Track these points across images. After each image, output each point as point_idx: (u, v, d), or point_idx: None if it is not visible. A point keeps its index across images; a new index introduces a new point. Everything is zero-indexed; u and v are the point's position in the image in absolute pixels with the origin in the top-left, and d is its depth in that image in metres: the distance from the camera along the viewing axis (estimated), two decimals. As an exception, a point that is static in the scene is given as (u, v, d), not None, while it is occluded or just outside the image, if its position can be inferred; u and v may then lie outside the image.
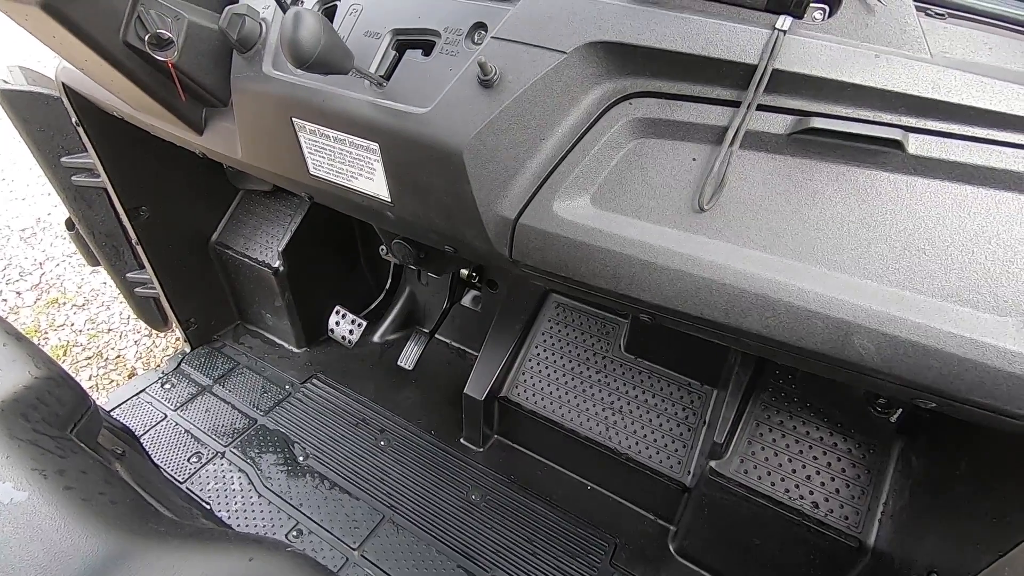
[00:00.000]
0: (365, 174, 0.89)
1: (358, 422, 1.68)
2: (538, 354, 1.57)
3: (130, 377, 2.61)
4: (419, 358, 1.71)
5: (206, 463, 1.54)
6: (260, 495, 1.47)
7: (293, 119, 0.90)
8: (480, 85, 0.74)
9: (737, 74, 0.68)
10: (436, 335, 1.84)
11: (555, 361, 1.55)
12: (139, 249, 1.68)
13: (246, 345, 1.95)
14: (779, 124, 0.68)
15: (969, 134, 0.61)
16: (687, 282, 0.70)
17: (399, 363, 1.69)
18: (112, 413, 1.71)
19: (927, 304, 0.61)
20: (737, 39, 0.66)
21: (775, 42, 0.65)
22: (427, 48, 0.82)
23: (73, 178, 1.65)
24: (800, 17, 0.67)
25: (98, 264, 1.87)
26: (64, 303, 3.05)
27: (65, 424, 0.77)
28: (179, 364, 1.85)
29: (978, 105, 0.60)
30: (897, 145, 0.62)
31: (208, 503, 1.45)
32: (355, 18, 0.86)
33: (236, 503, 1.45)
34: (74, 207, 1.70)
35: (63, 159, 1.62)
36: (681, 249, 0.70)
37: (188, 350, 1.91)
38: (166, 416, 1.68)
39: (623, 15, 0.70)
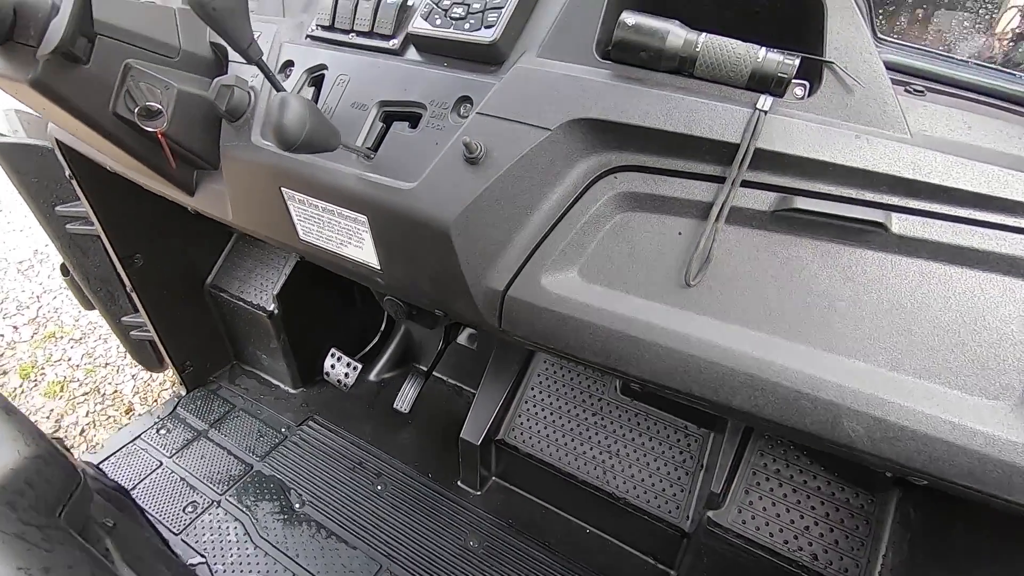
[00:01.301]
0: (354, 242, 0.89)
1: (355, 466, 1.67)
2: (534, 396, 1.57)
3: (127, 413, 2.61)
4: (415, 400, 1.71)
5: (202, 513, 1.53)
6: (256, 546, 1.45)
7: (282, 188, 0.91)
8: (466, 162, 0.75)
9: (720, 151, 0.68)
10: (433, 373, 1.83)
11: (551, 403, 1.55)
12: (134, 296, 1.68)
13: (242, 387, 1.94)
14: (763, 201, 0.68)
15: (951, 214, 0.62)
16: (675, 359, 0.70)
17: (395, 406, 1.69)
18: (109, 460, 1.70)
19: (916, 387, 0.61)
20: (719, 118, 0.67)
21: (756, 122, 0.65)
22: (414, 120, 0.82)
23: (68, 226, 1.66)
24: (781, 96, 0.67)
25: (93, 308, 1.87)
26: (61, 337, 3.04)
27: (54, 507, 0.76)
28: (175, 408, 1.84)
29: (958, 187, 0.60)
30: (880, 226, 0.62)
31: (204, 555, 1.43)
32: (342, 88, 0.87)
33: (232, 555, 1.43)
34: (69, 254, 1.70)
35: (57, 208, 1.63)
36: (668, 325, 0.70)
37: (184, 393, 1.90)
38: (161, 463, 1.67)
39: (605, 92, 0.71)
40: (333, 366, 1.72)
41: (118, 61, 0.91)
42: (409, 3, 0.88)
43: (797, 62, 0.65)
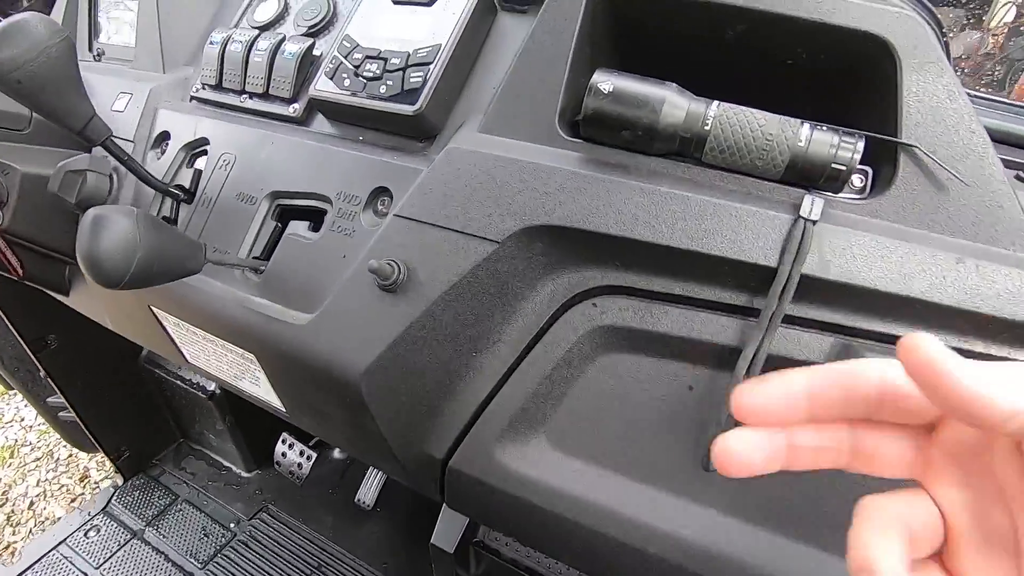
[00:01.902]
0: (249, 379, 0.66)
1: (312, 571, 1.43)
2: (517, 489, 1.33)
3: (81, 481, 2.38)
4: (382, 488, 1.47)
5: (127, 644, 1.29)
6: None
7: (151, 307, 0.68)
8: (381, 288, 0.52)
9: (746, 274, 0.46)
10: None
11: (537, 498, 1.31)
12: (49, 382, 1.45)
13: (188, 471, 1.70)
14: (816, 348, 0.45)
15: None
16: (693, 585, 0.47)
17: (358, 499, 1.45)
18: (24, 575, 1.46)
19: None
20: (743, 228, 0.45)
21: (803, 237, 0.43)
22: (316, 220, 0.60)
23: (-29, 303, 1.42)
24: (835, 192, 0.45)
25: (12, 389, 1.64)
26: (15, 395, 2.80)
27: None
28: (108, 502, 1.60)
29: None
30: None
31: None
32: (225, 173, 0.65)
33: None
34: (-26, 334, 1.47)
35: (-44, 284, 1.39)
36: (681, 530, 0.47)
37: (120, 482, 1.66)
38: (86, 577, 1.43)
39: (575, 187, 0.49)
40: (284, 454, 1.49)
41: (-67, 142, 0.69)
42: (316, 52, 0.66)
43: (861, 146, 0.43)
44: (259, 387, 0.66)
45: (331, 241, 0.57)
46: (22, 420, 2.67)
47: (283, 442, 1.50)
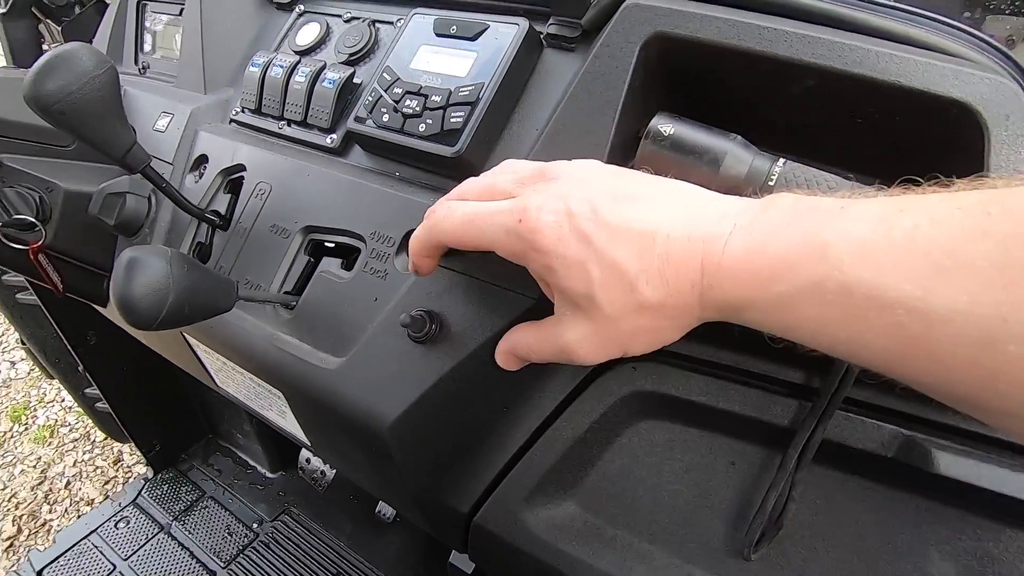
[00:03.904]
0: (275, 412, 0.66)
1: (329, 579, 1.44)
2: (539, 512, 1.31)
3: (115, 464, 2.46)
4: (402, 501, 1.47)
5: (150, 640, 1.32)
6: None
7: (183, 333, 0.68)
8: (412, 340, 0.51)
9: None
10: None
11: (559, 523, 1.29)
12: (88, 376, 1.49)
13: (215, 467, 1.73)
14: (876, 436, 0.42)
15: None
16: None
17: (377, 510, 1.45)
18: (58, 561, 1.51)
19: None
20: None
21: (868, 319, 0.39)
22: (349, 257, 0.59)
23: (18, 296, 1.48)
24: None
25: (53, 378, 1.70)
26: (57, 377, 2.91)
27: None
28: (138, 494, 1.64)
29: None
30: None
31: None
32: (260, 203, 0.64)
33: None
34: (21, 326, 1.52)
35: (3, 277, 1.45)
36: (716, 619, 0.44)
37: (151, 475, 1.70)
38: (114, 568, 1.46)
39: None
40: (308, 460, 1.50)
41: (-18, 159, 0.70)
42: (356, 80, 0.65)
43: (940, 223, 0.39)
44: (285, 420, 0.65)
45: (363, 282, 0.56)
46: (63, 401, 2.76)
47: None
